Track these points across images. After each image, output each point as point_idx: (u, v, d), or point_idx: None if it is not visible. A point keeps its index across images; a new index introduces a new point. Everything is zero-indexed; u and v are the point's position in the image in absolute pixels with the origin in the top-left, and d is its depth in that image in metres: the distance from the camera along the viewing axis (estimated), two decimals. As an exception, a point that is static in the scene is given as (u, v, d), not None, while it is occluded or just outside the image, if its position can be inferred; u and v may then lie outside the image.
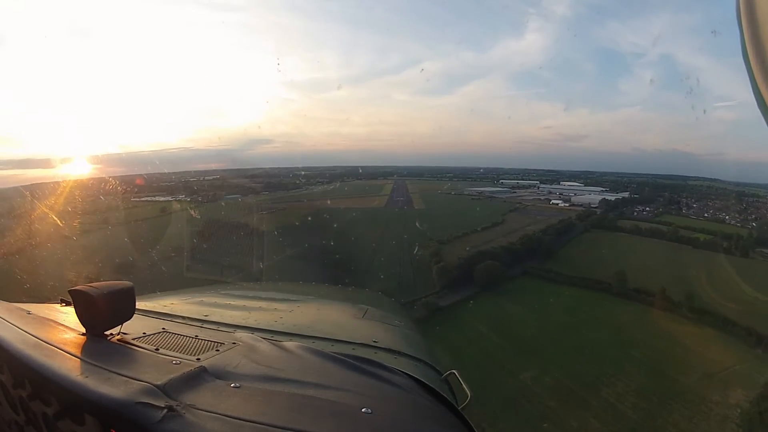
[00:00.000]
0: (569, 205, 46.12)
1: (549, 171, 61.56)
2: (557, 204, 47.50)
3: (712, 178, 43.56)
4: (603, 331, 25.64)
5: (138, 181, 31.99)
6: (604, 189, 47.64)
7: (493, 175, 65.57)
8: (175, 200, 37.11)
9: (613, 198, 42.75)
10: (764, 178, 38.76)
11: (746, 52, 0.79)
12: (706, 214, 34.36)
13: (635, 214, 38.21)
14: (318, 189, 56.61)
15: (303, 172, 56.40)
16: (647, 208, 38.40)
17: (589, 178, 54.37)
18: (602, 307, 28.33)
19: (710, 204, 35.11)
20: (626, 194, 44.42)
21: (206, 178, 41.13)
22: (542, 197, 52.10)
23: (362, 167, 68.43)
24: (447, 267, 32.64)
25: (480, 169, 68.71)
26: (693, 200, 36.81)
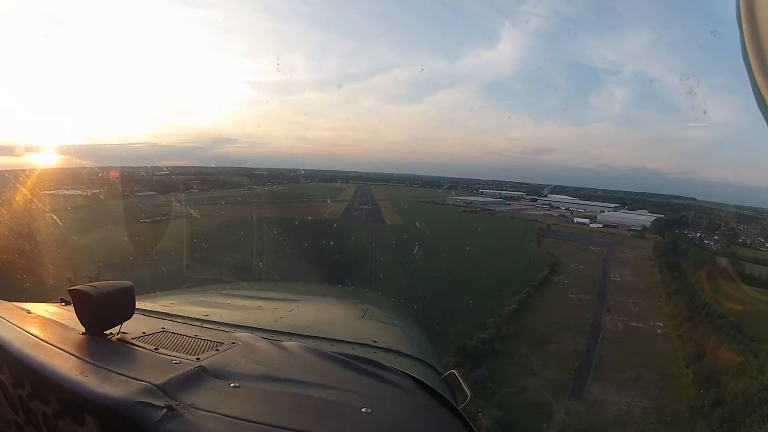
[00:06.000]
0: (603, 227, 43.79)
1: (519, 183, 61.11)
2: (585, 224, 44.81)
3: (690, 197, 48.02)
4: None
5: (112, 174, 31.79)
6: (617, 205, 47.29)
7: (463, 185, 62.08)
8: (79, 194, 34.80)
9: (653, 218, 42.06)
10: (737, 200, 42.90)
11: (746, 52, 0.81)
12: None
13: (697, 243, 37.45)
14: (263, 190, 52.48)
15: (254, 173, 54.86)
16: (700, 234, 38.46)
17: (561, 191, 54.96)
18: None
19: (748, 230, 36.93)
20: (645, 212, 44.85)
21: (156, 174, 40.48)
22: (551, 212, 49.30)
23: (326, 171, 64.93)
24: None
25: (453, 178, 64.81)
26: (736, 226, 37.74)
